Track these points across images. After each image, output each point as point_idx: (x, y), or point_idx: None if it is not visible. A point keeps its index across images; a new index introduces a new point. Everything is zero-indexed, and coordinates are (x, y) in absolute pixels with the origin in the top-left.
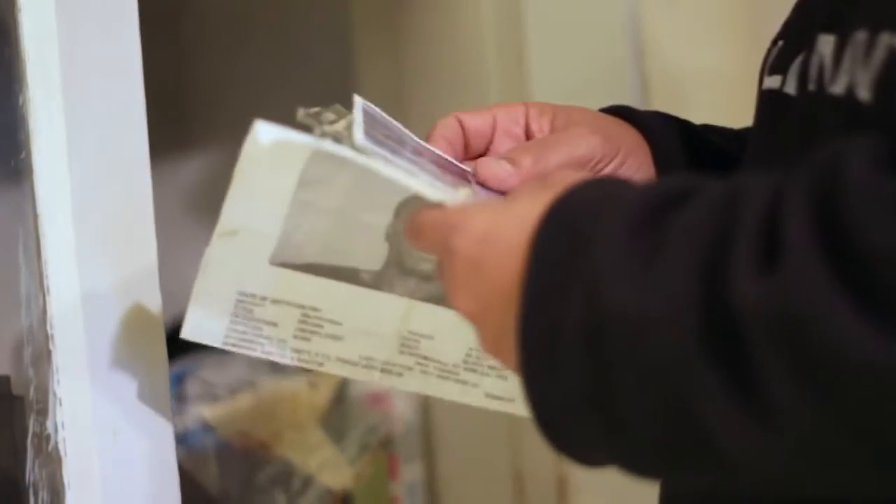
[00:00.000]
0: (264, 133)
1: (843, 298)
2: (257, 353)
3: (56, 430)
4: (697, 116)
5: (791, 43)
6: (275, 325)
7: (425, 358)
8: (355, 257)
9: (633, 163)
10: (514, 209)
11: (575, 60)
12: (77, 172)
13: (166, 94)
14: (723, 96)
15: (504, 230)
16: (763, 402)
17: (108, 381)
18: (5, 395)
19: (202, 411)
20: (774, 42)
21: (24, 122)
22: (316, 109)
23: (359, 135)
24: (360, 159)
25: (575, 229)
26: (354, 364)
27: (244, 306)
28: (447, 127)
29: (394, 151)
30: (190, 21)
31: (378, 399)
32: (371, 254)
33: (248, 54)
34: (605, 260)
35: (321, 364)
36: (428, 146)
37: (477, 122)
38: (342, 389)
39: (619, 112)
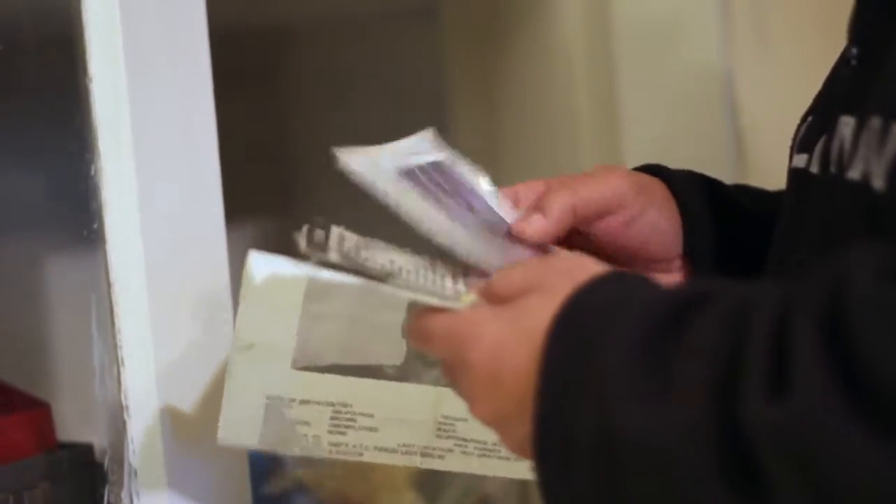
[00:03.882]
0: (258, 269)
1: (852, 421)
2: (295, 452)
3: (131, 501)
4: None
5: (818, 120)
6: (307, 423)
7: (463, 440)
8: (375, 356)
9: (657, 214)
10: (523, 321)
11: (667, 110)
12: (150, 241)
13: (263, 151)
14: None
15: (516, 342)
16: None
17: (185, 452)
18: (89, 464)
19: (298, 473)
20: (804, 118)
21: (96, 192)
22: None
23: (334, 255)
24: (357, 282)
25: (584, 340)
26: (393, 451)
27: (274, 409)
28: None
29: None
30: (286, 78)
31: None
32: (390, 351)
33: (344, 109)
34: (613, 376)
35: (360, 454)
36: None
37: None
38: None
39: (650, 170)
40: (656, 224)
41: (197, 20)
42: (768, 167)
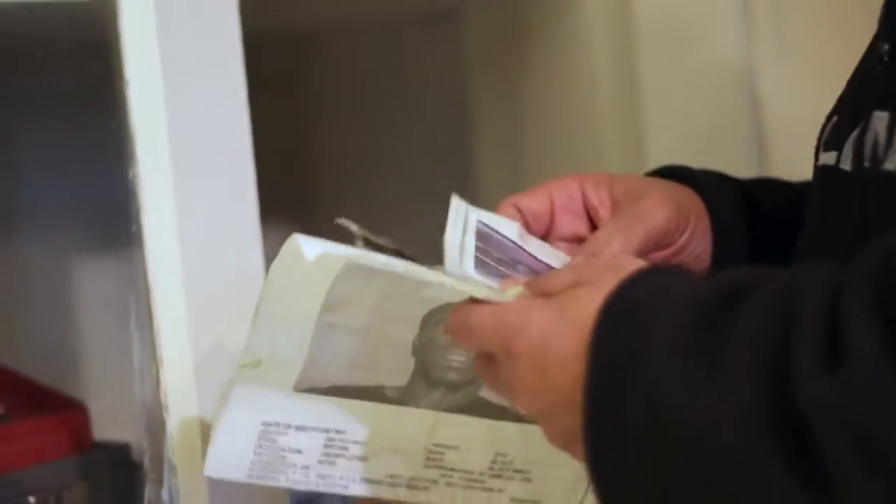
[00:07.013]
0: (308, 250)
1: None
2: (281, 483)
3: (171, 499)
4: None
5: (846, 118)
6: (299, 452)
7: (451, 469)
8: (381, 373)
9: (700, 230)
10: (570, 311)
11: (689, 112)
12: (187, 243)
13: (284, 158)
14: None
15: (563, 334)
16: (838, 501)
17: None
18: (126, 463)
19: None
20: (829, 118)
21: (134, 196)
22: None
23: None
24: (394, 266)
25: (632, 330)
26: (380, 483)
27: (268, 436)
28: (505, 215)
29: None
30: (307, 84)
31: None
32: (397, 368)
33: (367, 112)
34: (663, 363)
35: (346, 487)
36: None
37: (534, 205)
38: None
39: (675, 174)
40: (700, 255)
41: (230, 26)
42: (791, 163)
